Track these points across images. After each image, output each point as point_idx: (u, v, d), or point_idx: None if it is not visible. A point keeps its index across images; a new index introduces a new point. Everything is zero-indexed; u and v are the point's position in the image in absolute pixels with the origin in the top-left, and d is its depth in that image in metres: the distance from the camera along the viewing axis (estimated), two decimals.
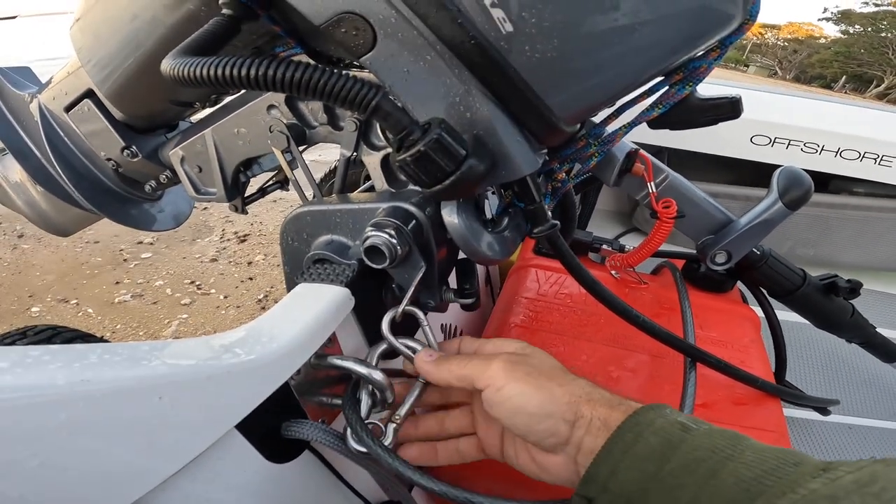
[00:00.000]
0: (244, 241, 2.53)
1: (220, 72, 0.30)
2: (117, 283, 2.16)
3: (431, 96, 0.36)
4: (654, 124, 0.49)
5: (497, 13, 0.33)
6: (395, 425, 0.44)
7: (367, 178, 0.55)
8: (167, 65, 0.33)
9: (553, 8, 0.32)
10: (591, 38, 0.34)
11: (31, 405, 0.23)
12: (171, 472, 0.31)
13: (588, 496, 0.36)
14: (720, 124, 0.52)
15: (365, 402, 0.45)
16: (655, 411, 0.37)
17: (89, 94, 0.63)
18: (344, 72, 0.32)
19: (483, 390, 0.41)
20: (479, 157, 0.36)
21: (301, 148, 0.57)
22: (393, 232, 0.43)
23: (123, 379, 0.27)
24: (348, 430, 0.43)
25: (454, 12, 0.33)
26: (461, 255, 0.49)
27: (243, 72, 0.30)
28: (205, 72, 0.31)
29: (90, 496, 0.28)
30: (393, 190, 0.52)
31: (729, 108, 0.51)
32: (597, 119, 0.50)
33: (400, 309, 0.47)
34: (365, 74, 0.46)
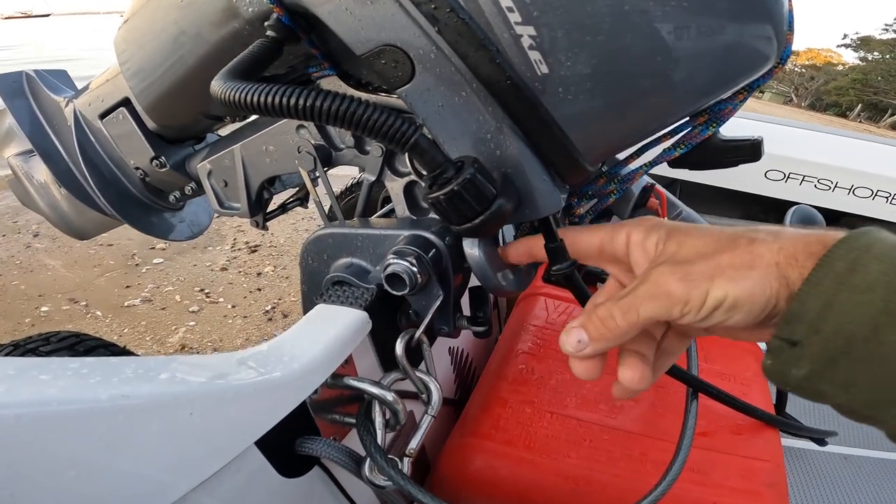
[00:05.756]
0: (255, 251, 2.55)
1: (269, 100, 0.31)
2: (128, 286, 2.18)
3: (464, 132, 0.37)
4: (674, 164, 0.49)
5: (534, 55, 0.34)
6: (409, 459, 0.45)
7: (386, 199, 0.56)
8: (218, 87, 0.34)
9: (589, 53, 0.33)
10: (624, 83, 0.35)
11: (76, 418, 0.24)
12: (192, 486, 0.32)
13: (792, 339, 0.29)
14: None
15: (379, 422, 0.46)
16: (868, 235, 0.29)
17: (125, 102, 0.64)
18: (381, 104, 0.33)
19: (679, 319, 0.33)
20: (507, 197, 0.36)
21: (325, 168, 0.58)
22: (414, 260, 0.44)
23: (159, 394, 0.27)
24: (368, 460, 0.44)
25: (493, 52, 0.34)
26: (474, 283, 0.49)
27: (291, 101, 0.31)
28: (255, 98, 0.32)
29: None
30: (414, 217, 0.53)
31: (750, 151, 0.52)
32: (618, 157, 0.51)
33: (416, 335, 0.47)
34: (391, 100, 0.48)
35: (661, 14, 0.32)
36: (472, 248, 0.44)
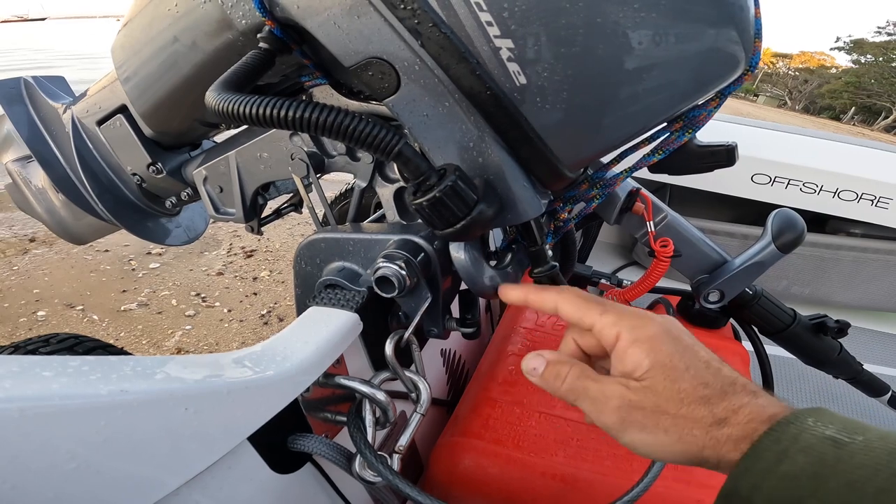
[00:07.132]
0: (251, 256, 2.56)
1: (261, 111, 0.33)
2: (124, 291, 2.18)
3: (447, 140, 0.39)
4: (654, 169, 0.51)
5: (513, 67, 0.35)
6: (399, 455, 0.46)
7: (378, 205, 0.58)
8: (212, 99, 0.36)
9: (565, 63, 0.35)
10: (599, 91, 0.36)
11: (76, 412, 0.26)
12: (185, 480, 0.34)
13: None
14: None
15: (369, 420, 0.47)
16: (797, 425, 0.34)
17: (122, 109, 0.66)
18: (368, 114, 0.35)
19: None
20: (489, 202, 0.38)
21: (317, 175, 0.59)
22: (403, 264, 0.45)
23: (157, 391, 0.29)
24: (358, 457, 0.45)
25: (473, 64, 0.35)
26: (464, 286, 0.51)
27: (282, 113, 0.33)
28: (247, 110, 0.33)
29: (112, 500, 0.30)
30: (404, 222, 0.54)
31: (725, 156, 0.54)
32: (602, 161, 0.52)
33: (405, 336, 0.49)
34: (382, 109, 0.49)
35: (631, 24, 0.34)
36: (457, 252, 0.45)
